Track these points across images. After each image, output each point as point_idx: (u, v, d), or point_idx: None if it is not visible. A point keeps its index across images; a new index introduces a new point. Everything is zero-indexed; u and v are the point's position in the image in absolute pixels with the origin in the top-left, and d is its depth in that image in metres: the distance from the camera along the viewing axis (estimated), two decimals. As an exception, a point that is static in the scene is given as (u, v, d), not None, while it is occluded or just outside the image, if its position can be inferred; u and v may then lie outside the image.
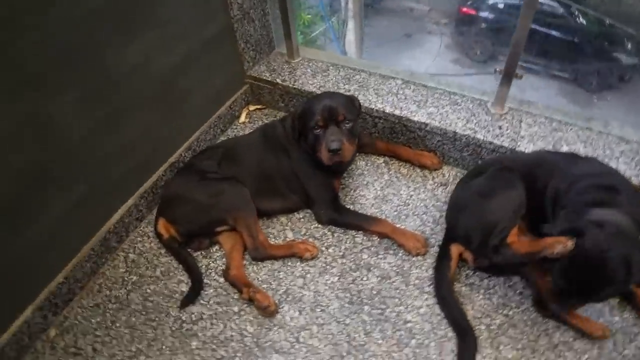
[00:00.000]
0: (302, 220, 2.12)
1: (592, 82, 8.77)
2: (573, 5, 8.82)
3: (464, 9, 9.94)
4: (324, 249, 2.00)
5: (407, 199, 2.16)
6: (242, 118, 2.66)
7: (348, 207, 2.12)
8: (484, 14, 9.73)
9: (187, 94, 2.29)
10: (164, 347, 1.77)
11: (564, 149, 2.07)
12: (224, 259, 2.00)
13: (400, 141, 2.36)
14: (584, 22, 8.85)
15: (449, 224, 1.91)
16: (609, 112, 8.30)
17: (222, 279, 1.93)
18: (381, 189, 2.21)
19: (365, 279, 1.88)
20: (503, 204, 1.67)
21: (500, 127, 2.17)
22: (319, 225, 2.09)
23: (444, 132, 2.18)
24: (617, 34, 8.85)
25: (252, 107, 2.73)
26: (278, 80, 2.56)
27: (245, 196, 1.97)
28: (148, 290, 1.95)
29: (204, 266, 1.99)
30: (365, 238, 2.02)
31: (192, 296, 1.87)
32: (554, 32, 8.66)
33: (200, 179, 2.01)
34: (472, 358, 1.62)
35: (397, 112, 2.26)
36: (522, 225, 1.74)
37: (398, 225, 2.02)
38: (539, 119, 2.23)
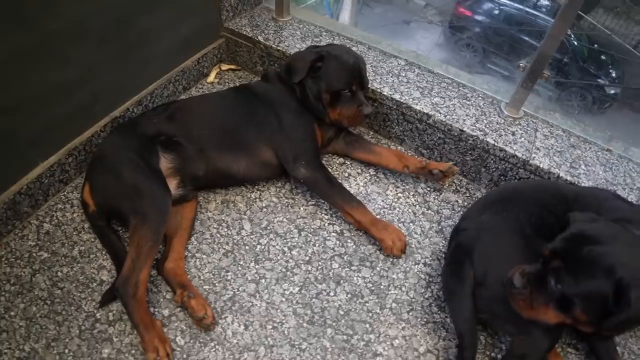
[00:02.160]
0: (265, 210, 1.74)
1: (574, 104, 8.68)
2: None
3: (461, 9, 9.67)
4: (286, 249, 1.63)
5: (393, 201, 1.81)
6: (211, 77, 2.24)
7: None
8: (479, 17, 9.50)
9: (146, 36, 1.86)
10: (66, 350, 1.38)
11: (582, 170, 1.77)
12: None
13: (394, 132, 2.00)
14: (575, 43, 8.73)
15: (463, 243, 1.49)
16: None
17: (154, 271, 1.54)
18: (364, 185, 1.85)
19: (332, 294, 1.53)
20: None
21: (513, 133, 1.84)
22: (284, 220, 1.71)
23: (448, 128, 1.83)
24: (604, 61, 8.80)
25: (224, 67, 2.30)
26: (260, 38, 2.15)
27: (162, 212, 1.49)
28: (59, 274, 1.54)
29: (134, 252, 1.59)
30: (338, 243, 1.66)
31: (114, 292, 1.47)
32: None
33: (137, 147, 1.60)
34: None
35: (396, 97, 1.89)
36: None
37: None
38: (556, 130, 1.92)
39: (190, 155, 1.66)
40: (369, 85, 1.91)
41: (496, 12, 9.37)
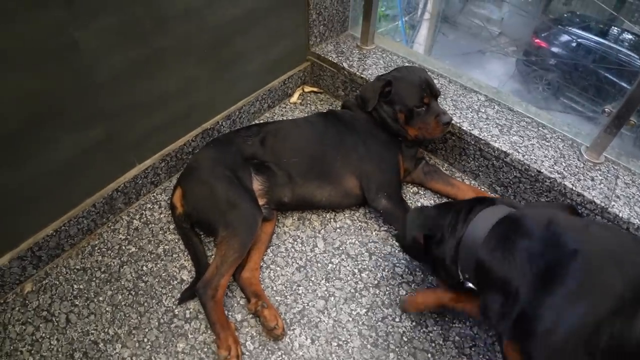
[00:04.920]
0: (338, 231, 1.80)
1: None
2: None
3: (537, 40, 9.42)
4: (356, 271, 1.68)
5: (463, 235, 1.82)
6: (294, 98, 2.36)
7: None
8: (556, 49, 9.20)
9: (241, 56, 2.00)
10: (145, 339, 1.49)
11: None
12: (238, 254, 1.70)
13: (469, 166, 2.02)
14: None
15: None
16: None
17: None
18: (435, 216, 1.88)
19: (397, 319, 1.56)
20: None
21: (592, 179, 1.80)
22: (356, 242, 1.77)
23: (525, 168, 1.82)
24: None
25: (307, 89, 2.42)
26: (344, 65, 2.24)
27: (252, 228, 1.57)
28: (144, 268, 1.67)
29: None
30: (407, 270, 1.69)
31: (192, 292, 1.57)
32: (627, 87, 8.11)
33: (232, 166, 1.70)
34: None
35: (475, 132, 1.91)
36: None
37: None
38: (639, 179, 1.86)
39: (279, 182, 1.74)
40: (452, 121, 1.95)
41: (574, 44, 9.04)
